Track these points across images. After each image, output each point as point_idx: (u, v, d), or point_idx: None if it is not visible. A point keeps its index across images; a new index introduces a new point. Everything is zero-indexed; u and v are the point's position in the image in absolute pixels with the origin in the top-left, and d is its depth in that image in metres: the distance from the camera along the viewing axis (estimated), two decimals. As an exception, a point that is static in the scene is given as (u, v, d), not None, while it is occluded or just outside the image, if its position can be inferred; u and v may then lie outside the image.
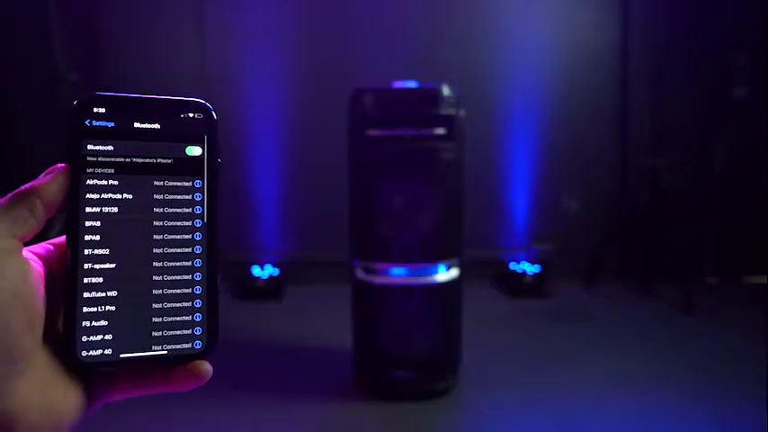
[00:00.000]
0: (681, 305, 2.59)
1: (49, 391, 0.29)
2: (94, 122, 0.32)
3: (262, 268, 2.87)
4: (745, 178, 2.98)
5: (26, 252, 0.30)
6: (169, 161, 0.33)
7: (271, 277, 2.83)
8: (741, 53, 2.86)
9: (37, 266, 0.30)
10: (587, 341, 2.29)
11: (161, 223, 0.33)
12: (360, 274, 1.78)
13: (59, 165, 0.31)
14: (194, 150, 0.34)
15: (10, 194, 0.30)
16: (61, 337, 0.31)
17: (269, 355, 2.17)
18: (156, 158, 0.33)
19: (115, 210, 0.32)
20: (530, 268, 2.88)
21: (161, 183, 0.33)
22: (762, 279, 2.96)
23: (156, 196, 0.33)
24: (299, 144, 3.00)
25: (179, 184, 0.33)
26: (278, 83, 2.97)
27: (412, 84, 1.79)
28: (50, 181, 0.31)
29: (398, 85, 1.78)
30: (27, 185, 0.30)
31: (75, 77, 2.48)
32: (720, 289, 2.92)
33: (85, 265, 0.31)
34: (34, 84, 2.80)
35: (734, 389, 1.85)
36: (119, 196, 0.32)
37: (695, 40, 2.93)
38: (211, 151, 0.34)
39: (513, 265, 2.94)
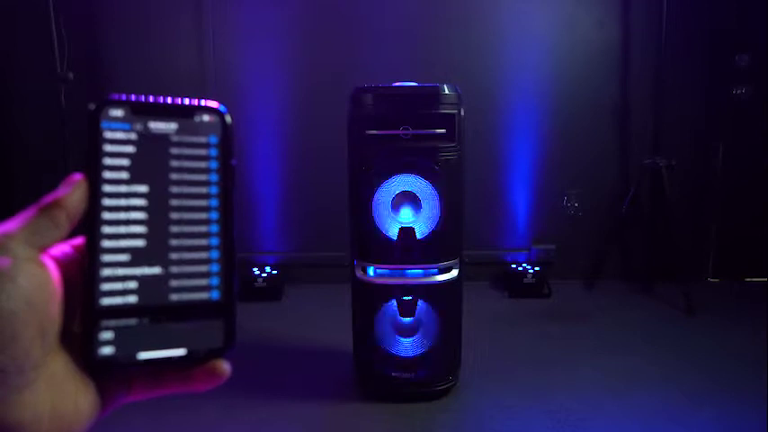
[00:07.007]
0: (681, 305, 2.59)
1: (59, 399, 0.29)
2: (111, 125, 0.32)
3: (262, 268, 2.87)
4: (746, 178, 2.98)
5: (47, 260, 0.30)
6: (184, 164, 0.34)
7: (271, 277, 2.83)
8: (742, 53, 2.86)
9: (56, 274, 0.30)
10: (587, 341, 2.29)
11: (178, 228, 0.33)
12: (360, 274, 1.78)
13: (76, 174, 0.32)
14: (209, 153, 0.34)
15: (34, 207, 0.30)
16: (78, 339, 0.30)
17: (269, 355, 2.16)
18: (171, 161, 0.33)
19: (133, 213, 0.32)
20: (530, 268, 2.87)
21: (177, 187, 0.33)
22: (762, 279, 2.96)
23: (172, 201, 0.33)
24: (299, 144, 3.00)
25: (195, 189, 0.34)
26: (278, 83, 2.97)
27: (412, 84, 1.79)
28: (72, 191, 0.31)
29: (398, 84, 1.77)
30: (49, 197, 0.30)
31: (75, 77, 2.48)
32: (720, 289, 2.92)
33: (104, 269, 0.31)
34: (34, 83, 2.80)
35: (734, 389, 1.85)
36: (136, 199, 0.32)
37: (696, 39, 2.93)
38: (226, 154, 0.35)
39: (513, 266, 2.94)
